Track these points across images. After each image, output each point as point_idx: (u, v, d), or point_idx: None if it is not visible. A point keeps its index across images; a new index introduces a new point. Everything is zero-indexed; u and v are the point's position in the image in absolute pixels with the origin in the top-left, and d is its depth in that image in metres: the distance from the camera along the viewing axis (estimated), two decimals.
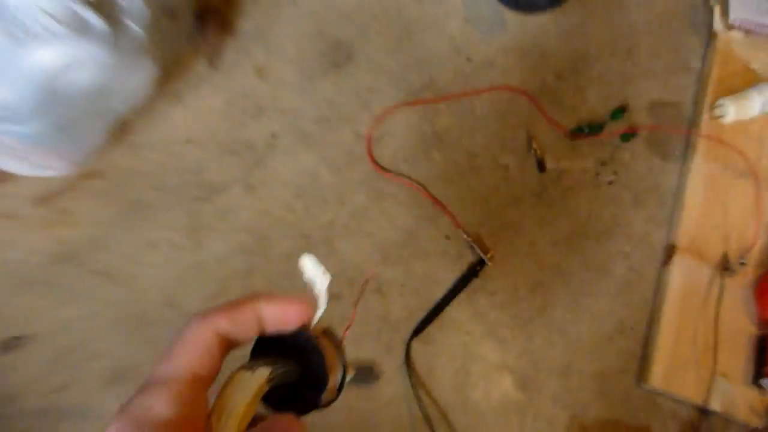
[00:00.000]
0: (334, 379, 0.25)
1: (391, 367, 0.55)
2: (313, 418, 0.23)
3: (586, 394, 0.56)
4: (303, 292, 0.24)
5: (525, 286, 0.57)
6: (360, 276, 0.56)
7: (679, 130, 0.61)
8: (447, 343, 0.56)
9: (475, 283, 0.57)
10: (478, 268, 0.56)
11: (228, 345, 0.21)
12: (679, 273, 0.57)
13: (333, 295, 0.53)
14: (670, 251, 0.59)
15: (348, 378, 0.26)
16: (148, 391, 0.18)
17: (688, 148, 0.61)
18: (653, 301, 0.59)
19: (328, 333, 0.26)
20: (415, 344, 0.55)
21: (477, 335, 0.56)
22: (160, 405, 0.17)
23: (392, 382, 0.55)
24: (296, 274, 0.26)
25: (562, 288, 0.58)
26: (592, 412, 0.56)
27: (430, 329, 0.56)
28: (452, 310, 0.56)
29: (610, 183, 0.60)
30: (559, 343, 0.57)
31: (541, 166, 0.60)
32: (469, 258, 0.57)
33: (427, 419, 0.53)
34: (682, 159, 0.61)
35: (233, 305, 0.21)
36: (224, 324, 0.20)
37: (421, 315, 0.56)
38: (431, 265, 0.57)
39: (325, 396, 0.24)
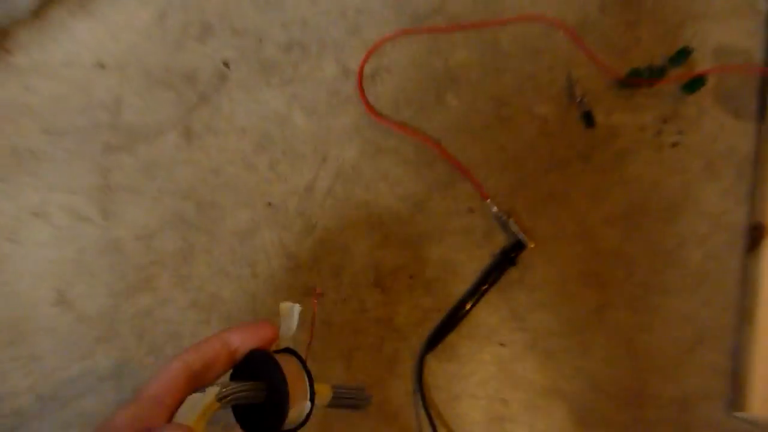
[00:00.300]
0: (297, 401, 0.29)
1: (397, 393, 0.42)
2: None
3: (664, 429, 0.45)
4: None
5: (576, 278, 0.47)
6: (350, 263, 0.44)
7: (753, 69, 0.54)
8: (475, 358, 0.44)
9: (511, 273, 0.46)
10: (515, 253, 0.45)
11: (195, 376, 0.27)
12: None
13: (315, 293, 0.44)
14: (756, 233, 0.51)
15: (322, 401, 0.32)
16: (116, 409, 0.24)
17: (767, 104, 0.54)
18: (741, 298, 0.49)
19: (294, 354, 0.31)
20: (431, 361, 0.44)
21: (516, 347, 0.45)
22: (120, 416, 0.24)
23: (400, 416, 0.42)
24: (258, 259, 0.38)
25: (623, 281, 0.48)
26: None
27: (452, 339, 0.44)
28: (480, 312, 0.45)
29: (675, 145, 0.52)
30: (625, 358, 0.46)
31: (588, 120, 0.51)
32: (500, 239, 0.47)
33: None
34: (759, 118, 0.54)
35: (202, 340, 0.28)
36: (191, 357, 0.27)
37: (437, 318, 0.44)
38: (449, 248, 0.46)
39: (290, 419, 0.28)
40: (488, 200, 0.48)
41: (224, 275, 0.44)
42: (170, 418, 0.25)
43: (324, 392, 0.33)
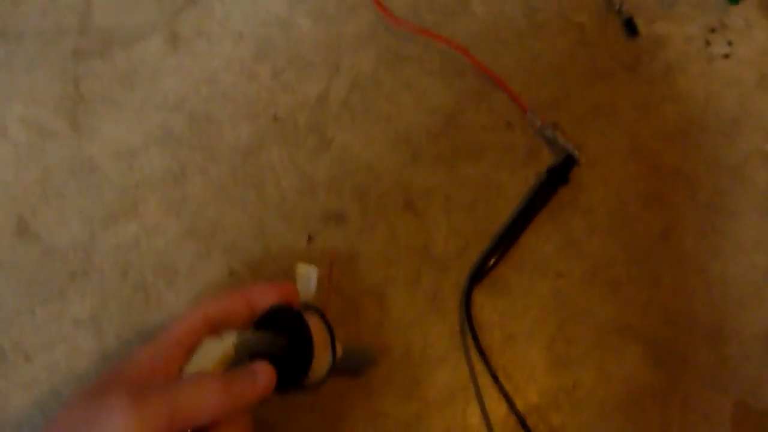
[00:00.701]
0: (319, 354, 0.33)
1: (442, 334, 0.42)
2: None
3: (750, 368, 0.46)
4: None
5: (634, 199, 0.48)
6: (375, 184, 0.44)
7: None
8: (530, 292, 0.44)
9: (562, 194, 0.47)
10: (566, 170, 0.46)
11: (214, 326, 0.32)
12: None
13: (336, 216, 0.45)
14: None
15: (346, 357, 0.37)
16: (136, 347, 0.31)
17: None
18: None
19: (317, 310, 0.36)
20: (478, 295, 0.43)
21: (575, 278, 0.45)
22: (140, 353, 0.29)
23: (448, 361, 0.41)
24: (265, 180, 0.40)
25: (687, 202, 0.49)
26: (767, 393, 0.45)
27: (500, 270, 0.44)
28: (531, 239, 0.46)
29: (726, 57, 0.55)
30: (700, 288, 0.47)
31: (631, 28, 0.53)
32: (546, 156, 0.48)
33: (520, 420, 0.40)
34: None
35: (222, 294, 0.34)
36: (212, 307, 0.32)
37: (481, 246, 0.44)
38: (489, 166, 0.46)
39: (313, 374, 0.33)
40: (529, 113, 0.49)
41: (226, 198, 0.42)
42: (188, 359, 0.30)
43: (338, 351, 0.36)
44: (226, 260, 0.42)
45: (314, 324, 0.34)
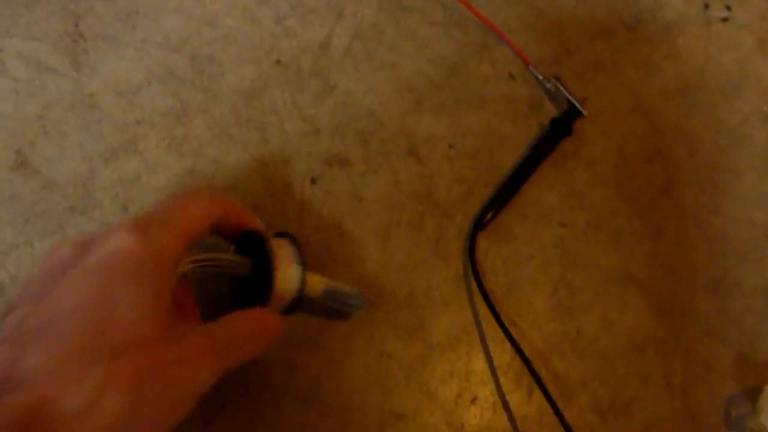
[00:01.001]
0: (284, 270, 0.34)
1: (446, 278, 0.42)
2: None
3: (750, 321, 0.46)
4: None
5: (636, 153, 0.48)
6: (379, 129, 0.45)
7: None
8: (533, 239, 0.44)
9: (565, 146, 0.47)
10: (569, 121, 0.46)
11: (212, 227, 0.31)
12: None
13: (340, 160, 0.45)
14: None
15: (314, 292, 0.37)
16: (154, 217, 0.27)
17: None
18: None
19: (290, 236, 0.37)
20: (482, 241, 0.43)
21: (579, 227, 0.45)
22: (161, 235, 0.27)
23: (452, 304, 0.41)
24: (269, 122, 0.39)
25: (688, 158, 0.50)
26: (767, 345, 0.45)
27: (504, 217, 0.44)
28: (535, 189, 0.46)
29: (725, 21, 0.55)
30: (701, 241, 0.47)
31: None
32: (548, 109, 0.48)
33: (526, 363, 0.40)
34: None
35: (231, 201, 0.33)
36: (217, 209, 0.31)
37: (485, 194, 0.44)
38: (492, 116, 0.46)
39: (277, 294, 0.33)
40: (531, 66, 0.49)
41: (228, 138, 0.42)
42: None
43: (315, 282, 0.37)
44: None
45: (279, 244, 0.35)
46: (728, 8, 0.58)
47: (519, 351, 0.41)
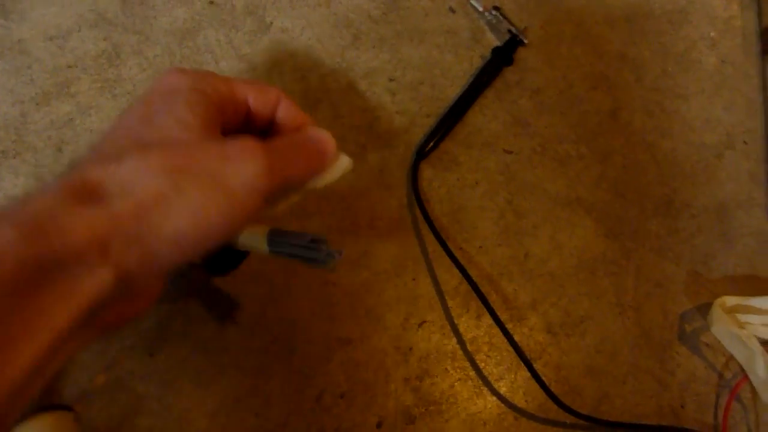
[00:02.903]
0: None
1: (389, 206, 0.43)
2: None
3: (703, 237, 0.47)
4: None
5: (581, 80, 0.49)
6: (316, 66, 0.46)
7: None
8: (478, 167, 0.45)
9: (508, 75, 0.47)
10: (510, 50, 0.47)
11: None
12: None
13: None
14: None
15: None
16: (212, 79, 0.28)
17: None
18: (764, 103, 0.52)
19: None
20: (427, 170, 0.44)
21: (524, 154, 0.46)
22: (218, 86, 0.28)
23: (396, 232, 0.42)
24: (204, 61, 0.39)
25: (635, 84, 0.50)
26: (719, 263, 0.46)
27: (448, 146, 0.45)
28: (479, 118, 0.46)
29: None
30: (650, 164, 0.48)
31: None
32: (490, 40, 0.49)
33: (473, 286, 0.41)
34: None
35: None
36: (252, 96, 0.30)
37: (427, 125, 0.45)
38: (433, 49, 0.47)
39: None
40: None
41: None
42: None
43: (257, 229, 0.34)
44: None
45: None
46: None
47: (465, 275, 0.42)
